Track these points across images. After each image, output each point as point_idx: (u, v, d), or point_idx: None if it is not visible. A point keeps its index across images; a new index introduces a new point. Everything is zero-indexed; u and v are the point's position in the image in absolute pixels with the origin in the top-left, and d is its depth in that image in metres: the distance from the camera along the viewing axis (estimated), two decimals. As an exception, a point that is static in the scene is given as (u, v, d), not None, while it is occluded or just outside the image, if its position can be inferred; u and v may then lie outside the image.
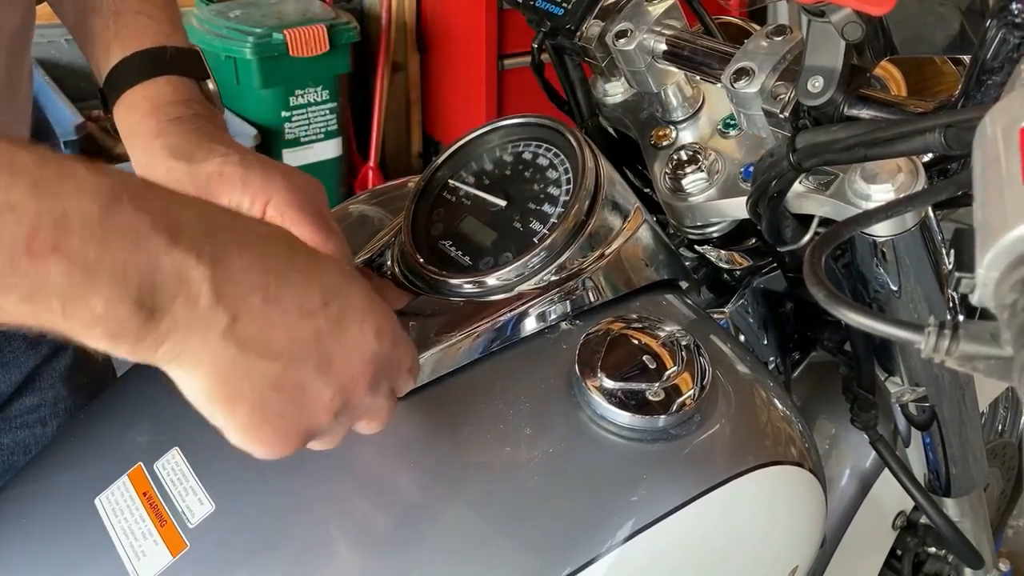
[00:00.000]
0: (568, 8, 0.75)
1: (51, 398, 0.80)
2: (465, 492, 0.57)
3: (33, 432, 0.80)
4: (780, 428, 0.64)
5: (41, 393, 0.80)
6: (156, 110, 0.63)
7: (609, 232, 0.66)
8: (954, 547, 0.82)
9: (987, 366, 0.33)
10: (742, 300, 0.77)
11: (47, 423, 0.80)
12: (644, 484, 0.57)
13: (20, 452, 0.79)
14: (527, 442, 0.58)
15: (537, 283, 0.64)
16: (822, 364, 0.85)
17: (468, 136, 0.72)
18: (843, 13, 0.52)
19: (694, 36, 0.71)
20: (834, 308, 0.39)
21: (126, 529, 0.58)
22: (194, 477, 0.59)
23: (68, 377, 0.81)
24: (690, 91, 0.74)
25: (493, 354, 0.63)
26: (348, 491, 0.60)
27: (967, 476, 0.82)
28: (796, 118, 0.59)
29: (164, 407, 0.67)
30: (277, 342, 0.45)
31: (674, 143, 0.73)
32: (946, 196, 0.48)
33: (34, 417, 0.80)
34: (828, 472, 0.83)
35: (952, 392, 0.74)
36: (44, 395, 0.80)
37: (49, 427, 0.80)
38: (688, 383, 0.59)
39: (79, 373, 0.82)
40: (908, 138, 0.50)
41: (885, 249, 0.61)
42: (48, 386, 0.80)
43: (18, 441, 0.79)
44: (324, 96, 2.57)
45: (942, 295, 0.65)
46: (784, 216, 0.64)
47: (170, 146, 0.61)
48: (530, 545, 0.55)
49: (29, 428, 0.79)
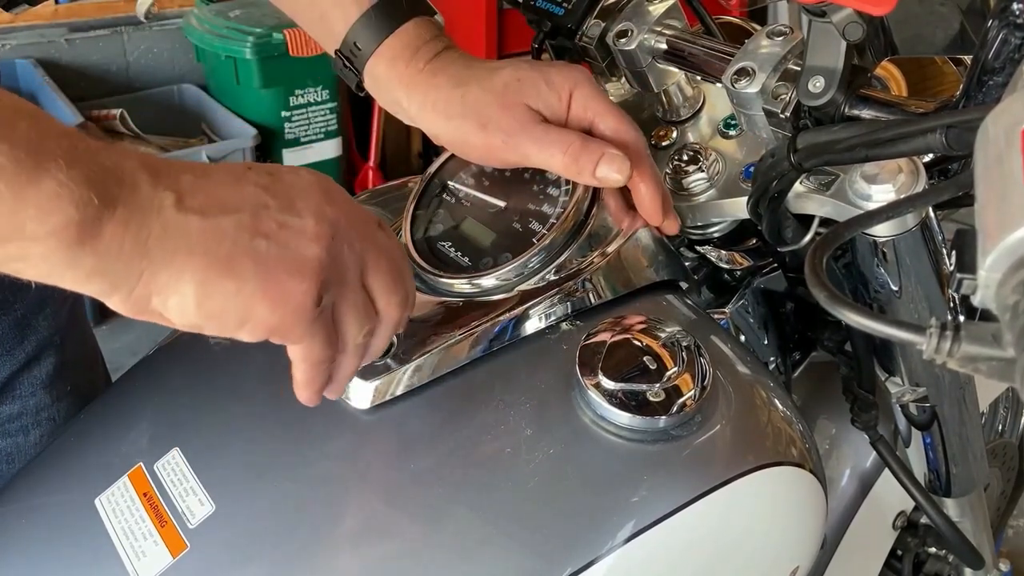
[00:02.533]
0: (568, 8, 0.75)
1: (32, 406, 0.79)
2: (465, 492, 0.57)
3: (16, 441, 0.78)
4: (780, 428, 0.64)
5: (22, 401, 0.78)
6: (419, 52, 0.64)
7: (609, 232, 0.66)
8: (954, 547, 0.82)
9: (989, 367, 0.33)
10: (742, 300, 0.77)
11: (29, 432, 0.79)
12: (645, 485, 0.57)
13: (3, 461, 0.77)
14: (527, 443, 0.58)
15: (537, 283, 0.64)
16: (822, 364, 0.85)
17: (468, 136, 0.72)
18: (844, 13, 0.52)
19: (695, 36, 0.71)
20: (835, 309, 0.39)
21: (126, 530, 0.58)
22: (194, 478, 0.59)
23: (50, 385, 0.80)
24: (691, 91, 0.74)
25: (493, 354, 0.63)
26: (348, 491, 0.60)
27: (967, 476, 0.82)
28: (797, 118, 0.59)
29: (164, 407, 0.67)
30: (230, 200, 0.45)
31: (675, 143, 0.73)
32: (947, 197, 0.48)
33: (15, 426, 0.78)
34: (828, 472, 0.83)
35: (952, 392, 0.74)
36: (25, 403, 0.78)
37: (32, 436, 0.79)
38: (689, 384, 0.59)
39: (61, 381, 0.81)
40: (909, 138, 0.50)
41: (886, 250, 0.61)
42: (29, 394, 0.78)
43: (0, 450, 0.78)
44: (324, 96, 2.57)
45: (943, 296, 0.65)
46: (785, 216, 0.64)
47: (454, 75, 0.63)
48: (530, 546, 0.55)
49: (11, 437, 0.78)
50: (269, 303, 0.45)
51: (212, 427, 0.64)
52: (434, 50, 0.65)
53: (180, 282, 0.43)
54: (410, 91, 0.65)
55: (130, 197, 0.41)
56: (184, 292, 0.43)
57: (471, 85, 0.63)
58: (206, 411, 0.65)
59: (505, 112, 0.62)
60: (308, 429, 0.61)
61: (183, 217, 0.42)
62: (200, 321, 0.44)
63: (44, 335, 0.79)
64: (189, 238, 0.42)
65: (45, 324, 0.79)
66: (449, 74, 0.64)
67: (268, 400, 0.63)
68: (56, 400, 0.81)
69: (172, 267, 0.42)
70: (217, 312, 0.44)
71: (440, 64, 0.64)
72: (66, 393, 0.82)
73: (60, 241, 0.39)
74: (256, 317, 0.45)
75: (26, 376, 0.78)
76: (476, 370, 0.62)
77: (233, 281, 0.44)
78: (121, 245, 0.41)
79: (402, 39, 0.65)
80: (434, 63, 0.64)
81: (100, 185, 0.40)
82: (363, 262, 0.50)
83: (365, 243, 0.50)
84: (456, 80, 0.63)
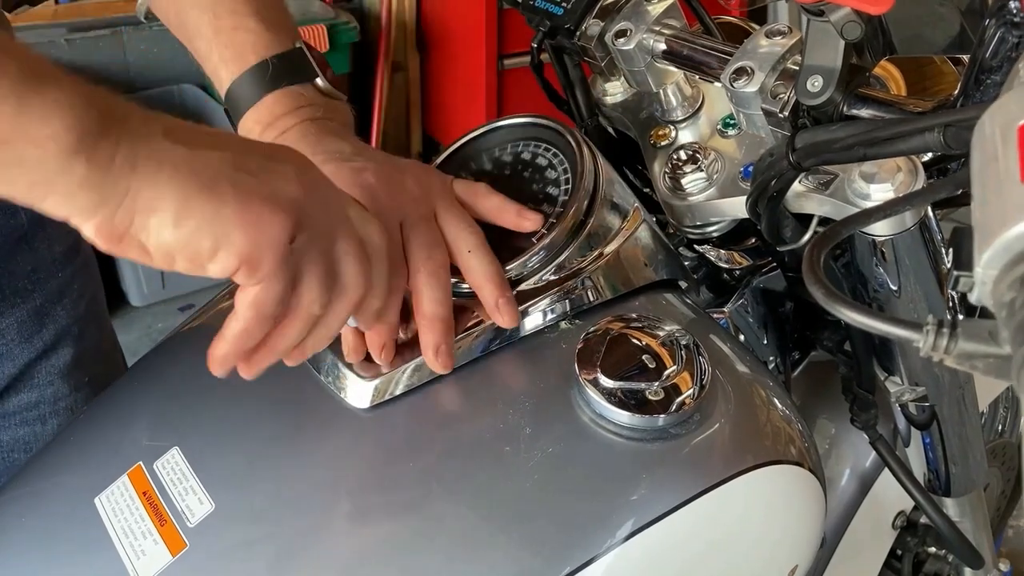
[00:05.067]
0: (567, 8, 0.75)
1: (50, 395, 0.80)
2: (465, 491, 0.57)
3: (33, 429, 0.80)
4: (780, 427, 0.64)
5: (40, 390, 0.80)
6: (265, 131, 0.64)
7: (608, 232, 0.66)
8: (954, 547, 0.82)
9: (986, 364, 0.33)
10: (742, 300, 0.77)
11: (47, 421, 0.80)
12: (644, 483, 0.57)
13: (20, 450, 0.79)
14: (527, 441, 0.58)
15: (536, 282, 0.64)
16: (822, 364, 0.85)
17: (468, 136, 0.72)
18: (842, 12, 0.52)
19: (693, 36, 0.71)
20: (833, 307, 0.39)
21: (126, 529, 0.58)
22: (194, 477, 0.59)
23: (68, 374, 0.81)
24: (689, 91, 0.74)
25: (493, 353, 0.63)
26: (348, 491, 0.60)
27: (967, 476, 0.82)
28: (795, 117, 0.59)
29: (164, 407, 0.67)
30: (217, 142, 0.47)
31: (674, 143, 0.73)
32: (945, 195, 0.48)
33: (33, 414, 0.80)
34: (828, 472, 0.83)
35: (952, 392, 0.74)
36: (43, 392, 0.80)
37: (49, 425, 0.80)
38: (688, 382, 0.59)
39: (79, 371, 0.82)
40: (907, 137, 0.50)
41: (884, 248, 0.61)
42: (47, 383, 0.80)
43: (18, 438, 0.79)
44: (324, 96, 2.57)
45: (941, 294, 0.65)
46: (783, 216, 0.64)
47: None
48: (529, 544, 0.55)
49: (29, 425, 0.79)
50: (244, 228, 0.46)
51: (212, 426, 0.64)
52: (283, 127, 0.64)
53: (162, 199, 0.44)
54: None
55: (122, 125, 0.43)
56: (164, 209, 0.44)
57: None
58: (206, 410, 0.65)
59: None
60: (308, 428, 0.62)
61: (171, 145, 0.45)
62: (175, 244, 0.45)
63: (62, 324, 0.80)
64: (175, 161, 0.44)
65: (63, 314, 0.80)
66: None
67: (268, 399, 0.63)
68: (74, 390, 0.82)
69: (157, 185, 0.44)
70: (192, 233, 0.45)
71: (287, 141, 0.64)
72: (84, 383, 0.83)
73: (57, 145, 0.41)
74: (230, 242, 0.46)
75: (44, 365, 0.79)
76: (475, 369, 0.62)
77: (212, 202, 0.45)
78: (112, 158, 0.42)
79: (259, 111, 0.65)
80: (280, 140, 0.64)
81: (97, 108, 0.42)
82: (335, 229, 0.51)
83: (340, 215, 0.52)
84: None
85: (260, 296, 0.49)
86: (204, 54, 0.67)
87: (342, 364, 0.62)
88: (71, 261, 0.82)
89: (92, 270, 0.87)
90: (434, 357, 0.59)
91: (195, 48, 0.68)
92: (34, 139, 0.40)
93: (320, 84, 0.66)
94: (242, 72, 0.65)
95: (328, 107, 0.66)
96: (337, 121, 0.66)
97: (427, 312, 0.59)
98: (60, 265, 0.81)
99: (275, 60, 0.65)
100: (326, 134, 0.64)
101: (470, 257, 0.62)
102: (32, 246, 0.77)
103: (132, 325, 2.33)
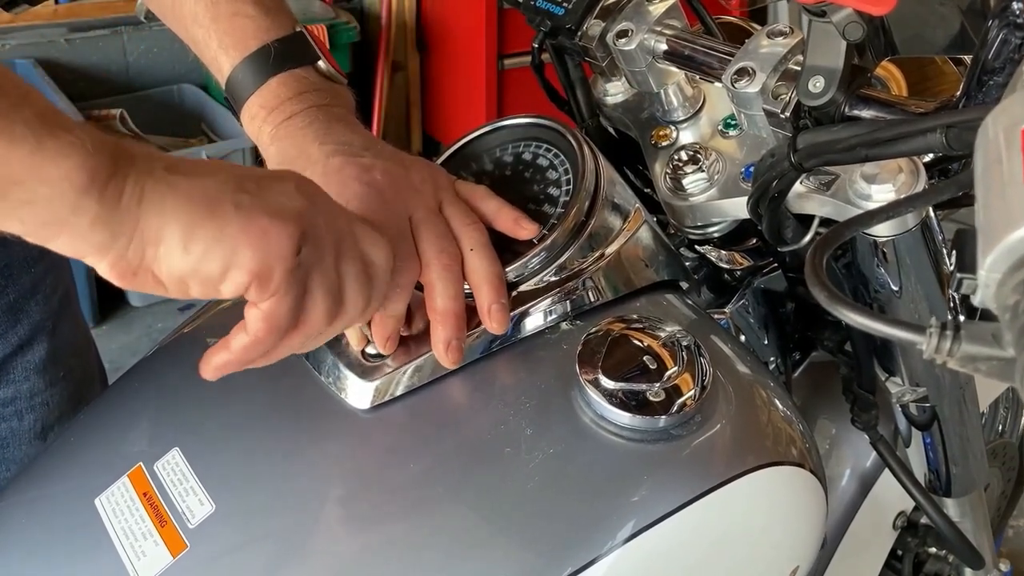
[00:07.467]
0: (568, 8, 0.74)
1: (26, 391, 0.80)
2: (465, 492, 0.57)
3: (10, 425, 0.79)
4: (781, 428, 0.64)
5: (16, 385, 0.79)
6: (271, 115, 0.64)
7: (609, 232, 0.66)
8: (954, 547, 0.82)
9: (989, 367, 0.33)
10: (742, 300, 0.77)
11: (23, 416, 0.80)
12: (645, 485, 0.57)
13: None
14: (527, 442, 0.58)
15: (537, 283, 0.64)
16: (822, 364, 0.85)
17: (468, 136, 0.72)
18: (844, 13, 0.52)
19: (695, 36, 0.71)
20: (835, 309, 0.39)
21: (126, 529, 0.58)
22: (194, 477, 0.59)
23: (44, 369, 0.81)
24: (691, 91, 0.74)
25: (493, 354, 0.63)
26: (348, 491, 0.60)
27: (967, 476, 0.82)
28: (797, 118, 0.59)
29: (164, 407, 0.67)
30: (215, 170, 0.48)
31: (675, 143, 0.73)
32: (947, 196, 0.48)
33: (10, 410, 0.79)
34: (828, 472, 0.83)
35: (952, 392, 0.74)
36: (19, 387, 0.79)
37: (26, 420, 0.80)
38: (689, 383, 0.59)
39: (54, 366, 0.82)
40: (909, 138, 0.50)
41: (886, 249, 0.61)
42: (23, 378, 0.80)
43: None
44: (324, 96, 2.57)
45: (943, 296, 0.65)
46: (785, 216, 0.64)
47: (280, 152, 0.63)
48: (531, 545, 0.55)
49: (6, 421, 0.79)
50: (251, 244, 0.46)
51: (212, 427, 0.64)
52: (288, 112, 0.64)
53: (167, 228, 0.45)
54: (267, 146, 0.65)
55: (130, 164, 0.45)
56: (171, 237, 0.45)
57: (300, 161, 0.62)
58: (206, 411, 0.65)
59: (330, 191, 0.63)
60: (308, 429, 0.62)
61: (172, 176, 0.46)
62: (186, 270, 0.46)
63: (36, 319, 0.80)
64: (177, 191, 0.45)
65: (37, 309, 0.80)
66: (281, 148, 0.64)
67: (268, 400, 0.63)
68: (50, 385, 0.82)
69: (162, 214, 0.45)
70: (201, 257, 0.46)
71: (284, 131, 0.64)
72: (59, 379, 0.83)
73: (70, 184, 0.42)
74: (238, 260, 0.46)
75: (19, 360, 0.79)
76: (476, 370, 0.62)
77: (216, 224, 0.46)
78: (120, 195, 0.44)
79: (263, 96, 0.64)
80: (280, 129, 0.64)
81: (107, 149, 0.44)
82: (340, 244, 0.51)
83: (343, 231, 0.52)
84: (282, 157, 0.64)
85: (272, 309, 0.49)
86: (202, 42, 0.67)
87: (342, 364, 0.62)
88: (43, 257, 0.82)
89: (64, 265, 0.86)
90: (445, 352, 0.59)
91: (192, 37, 0.67)
92: (48, 179, 0.41)
93: (322, 67, 0.66)
94: (244, 57, 0.64)
95: (332, 92, 0.66)
96: (342, 107, 0.66)
97: (440, 307, 0.59)
98: (33, 261, 0.81)
99: (277, 44, 0.65)
100: (334, 122, 0.64)
101: (472, 256, 0.61)
102: (4, 242, 0.77)
103: (132, 325, 2.33)
